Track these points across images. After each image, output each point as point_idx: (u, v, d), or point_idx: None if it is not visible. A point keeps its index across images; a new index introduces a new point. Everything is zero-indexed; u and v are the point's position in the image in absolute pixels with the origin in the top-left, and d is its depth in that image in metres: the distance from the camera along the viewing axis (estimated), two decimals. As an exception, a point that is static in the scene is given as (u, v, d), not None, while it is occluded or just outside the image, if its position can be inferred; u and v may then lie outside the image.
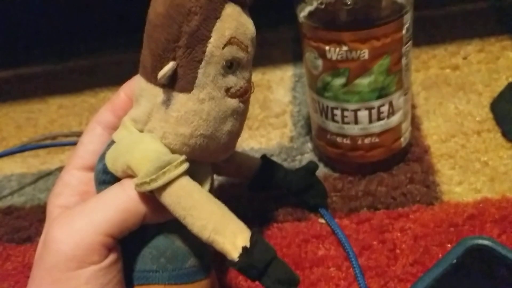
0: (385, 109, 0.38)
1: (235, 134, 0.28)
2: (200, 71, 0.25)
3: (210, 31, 0.25)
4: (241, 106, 0.27)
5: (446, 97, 0.49)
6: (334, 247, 0.37)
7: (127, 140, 0.27)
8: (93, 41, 0.74)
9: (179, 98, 0.25)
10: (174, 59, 0.25)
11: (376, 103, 0.38)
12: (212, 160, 0.29)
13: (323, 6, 0.35)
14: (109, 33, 0.73)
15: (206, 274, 0.29)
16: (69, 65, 0.72)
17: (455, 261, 0.33)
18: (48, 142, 0.56)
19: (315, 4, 0.36)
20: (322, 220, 0.39)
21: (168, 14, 0.24)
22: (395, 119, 0.39)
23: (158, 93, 0.26)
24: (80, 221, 0.25)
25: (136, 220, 0.26)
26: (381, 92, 0.37)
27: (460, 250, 0.33)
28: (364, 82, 0.36)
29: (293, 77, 0.58)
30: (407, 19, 0.36)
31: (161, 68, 0.24)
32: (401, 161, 0.42)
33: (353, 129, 0.39)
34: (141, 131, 0.27)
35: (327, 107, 0.39)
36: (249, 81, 0.28)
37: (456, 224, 0.37)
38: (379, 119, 0.38)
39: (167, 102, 0.26)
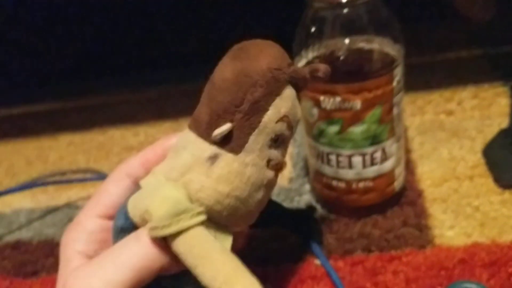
0: (378, 155, 0.40)
1: (261, 205, 0.30)
2: (252, 137, 0.27)
3: (269, 105, 0.27)
4: (274, 179, 0.29)
5: (440, 142, 0.51)
6: (328, 288, 0.38)
7: (152, 186, 0.28)
8: (103, 80, 0.77)
9: (226, 158, 0.27)
10: (232, 121, 0.27)
11: (369, 150, 0.39)
12: (234, 228, 0.29)
13: (318, 60, 0.38)
14: (118, 72, 0.76)
15: None
16: (79, 102, 0.74)
17: (443, 305, 0.34)
18: (56, 178, 0.58)
19: (310, 57, 0.38)
20: (317, 262, 0.41)
21: (236, 80, 0.27)
22: (388, 165, 0.41)
23: (206, 149, 0.27)
24: (97, 280, 0.25)
25: (151, 276, 0.26)
26: (374, 140, 0.39)
27: (448, 294, 0.34)
28: (357, 130, 0.38)
29: (294, 119, 0.60)
30: (398, 72, 0.38)
31: (217, 126, 0.27)
32: (395, 204, 0.44)
33: (347, 174, 0.41)
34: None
35: (323, 152, 0.41)
36: (284, 158, 0.30)
37: (447, 268, 0.38)
38: (372, 164, 0.40)
39: (213, 159, 0.27)
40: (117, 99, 0.72)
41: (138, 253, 0.26)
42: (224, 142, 0.27)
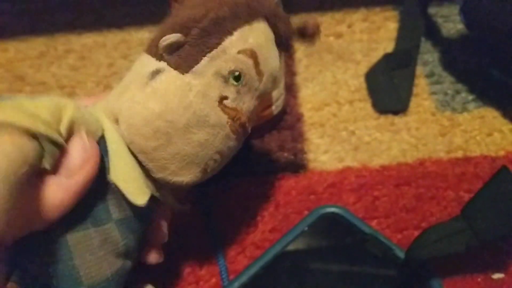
0: (252, 77, 0.38)
1: (205, 156, 0.25)
2: (205, 59, 0.24)
3: (235, 29, 0.24)
4: (227, 130, 0.25)
5: (326, 65, 0.49)
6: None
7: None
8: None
9: (169, 73, 0.24)
10: (186, 35, 0.24)
11: (242, 71, 0.37)
12: (168, 178, 0.25)
13: None
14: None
15: None
16: None
17: (306, 228, 0.34)
18: None
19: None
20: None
21: (204, 0, 0.25)
22: (264, 88, 0.39)
23: (150, 64, 0.24)
24: None
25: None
26: (248, 60, 0.37)
27: (312, 218, 0.34)
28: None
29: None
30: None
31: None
32: (273, 128, 0.43)
33: (221, 97, 0.38)
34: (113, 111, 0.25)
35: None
36: (248, 118, 0.26)
37: (316, 192, 0.38)
38: (247, 87, 0.38)
39: (154, 74, 0.24)
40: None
41: None
42: (173, 58, 0.24)
